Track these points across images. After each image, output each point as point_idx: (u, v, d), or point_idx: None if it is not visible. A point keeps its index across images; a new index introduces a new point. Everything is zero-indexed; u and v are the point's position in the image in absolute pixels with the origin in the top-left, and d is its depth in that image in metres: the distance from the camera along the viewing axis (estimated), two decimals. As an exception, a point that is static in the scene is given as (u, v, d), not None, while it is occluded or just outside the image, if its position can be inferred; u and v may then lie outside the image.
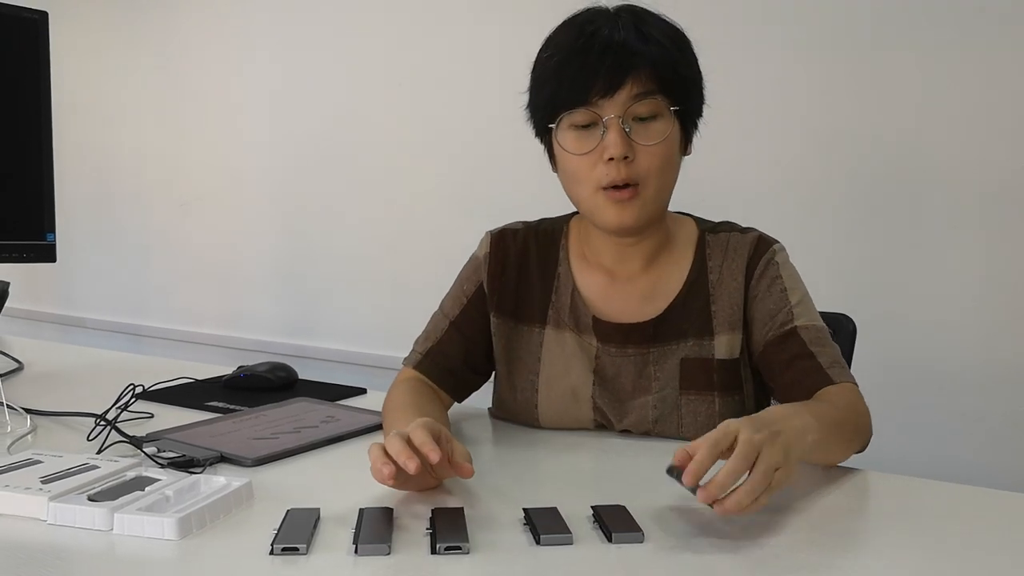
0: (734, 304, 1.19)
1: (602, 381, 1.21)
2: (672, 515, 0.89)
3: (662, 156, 1.11)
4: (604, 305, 1.22)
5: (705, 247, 1.22)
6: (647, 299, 1.21)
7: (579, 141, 1.12)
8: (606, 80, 1.08)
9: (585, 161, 1.11)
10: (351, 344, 2.67)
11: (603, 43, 1.09)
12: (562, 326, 1.23)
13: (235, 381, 1.51)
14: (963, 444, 1.84)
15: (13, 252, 1.44)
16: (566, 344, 1.22)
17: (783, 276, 1.19)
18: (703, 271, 1.21)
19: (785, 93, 1.96)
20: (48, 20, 1.47)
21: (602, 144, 1.10)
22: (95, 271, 3.28)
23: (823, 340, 1.15)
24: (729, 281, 1.19)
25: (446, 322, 1.27)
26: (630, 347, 1.20)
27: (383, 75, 2.57)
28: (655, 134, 1.10)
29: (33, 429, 1.18)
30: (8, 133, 1.44)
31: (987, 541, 0.86)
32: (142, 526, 0.80)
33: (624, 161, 1.09)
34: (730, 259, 1.20)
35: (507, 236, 1.28)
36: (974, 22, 1.79)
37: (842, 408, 1.06)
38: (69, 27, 3.05)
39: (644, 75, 1.09)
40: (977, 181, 1.81)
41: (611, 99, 1.09)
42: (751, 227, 1.24)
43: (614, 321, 1.21)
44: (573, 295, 1.23)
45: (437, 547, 0.79)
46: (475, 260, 1.28)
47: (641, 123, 1.10)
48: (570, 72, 1.10)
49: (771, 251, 1.20)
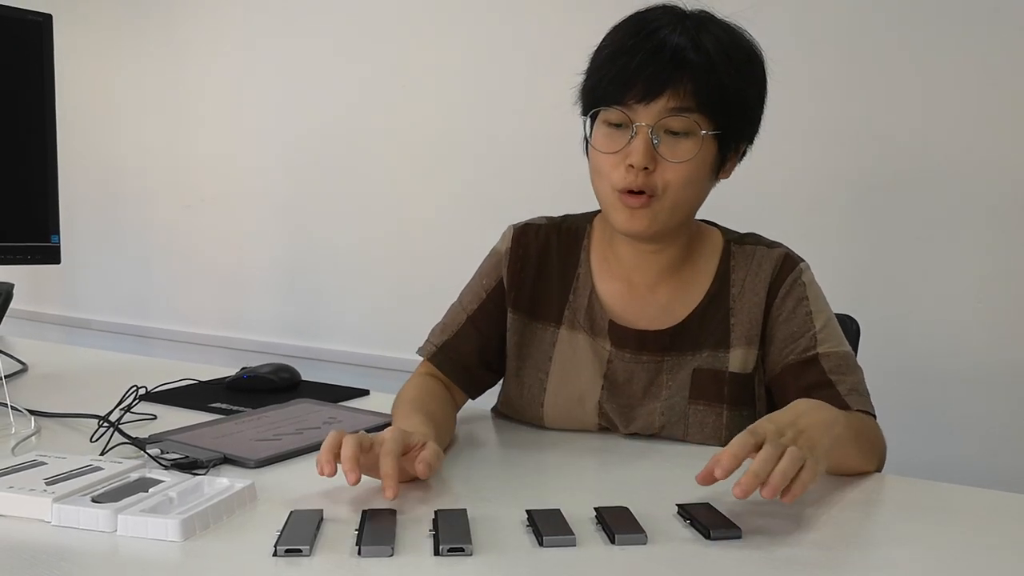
0: (753, 319, 1.18)
1: (611, 386, 1.20)
2: (675, 517, 0.89)
3: (684, 174, 1.09)
4: (622, 310, 1.21)
5: (730, 258, 1.21)
6: (667, 307, 1.20)
7: (608, 139, 1.11)
8: (645, 86, 1.06)
9: (609, 160, 1.10)
10: (354, 345, 2.67)
11: (654, 48, 1.06)
12: (576, 327, 1.22)
13: (238, 382, 1.51)
14: (968, 445, 1.84)
15: (18, 254, 1.45)
16: (578, 346, 1.22)
17: (809, 298, 1.17)
18: (725, 283, 1.20)
19: (788, 93, 1.95)
20: (52, 23, 1.47)
21: (627, 148, 1.08)
22: (99, 272, 3.28)
23: (845, 367, 1.13)
24: (751, 295, 1.18)
25: (463, 316, 1.26)
26: (645, 354, 1.19)
27: (387, 77, 2.57)
28: (682, 152, 1.08)
29: (37, 430, 1.19)
30: (13, 135, 1.44)
31: (998, 545, 0.86)
32: (146, 527, 0.80)
33: (644, 171, 1.08)
34: (753, 273, 1.19)
35: (529, 232, 1.27)
36: (979, 22, 1.79)
37: (863, 422, 1.07)
38: (73, 29, 3.05)
39: (685, 90, 1.06)
40: (982, 182, 1.81)
41: (646, 106, 1.07)
42: (778, 242, 1.22)
43: (632, 327, 1.20)
44: (591, 297, 1.22)
45: (440, 549, 0.79)
46: (496, 254, 1.28)
47: (672, 137, 1.08)
48: (614, 69, 1.08)
49: (798, 270, 1.18)
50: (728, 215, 1.28)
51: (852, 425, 1.01)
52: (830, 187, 1.96)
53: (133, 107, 3.15)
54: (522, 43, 2.31)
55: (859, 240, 1.94)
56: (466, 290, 1.29)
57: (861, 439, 1.04)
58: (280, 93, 2.79)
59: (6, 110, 1.42)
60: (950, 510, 0.97)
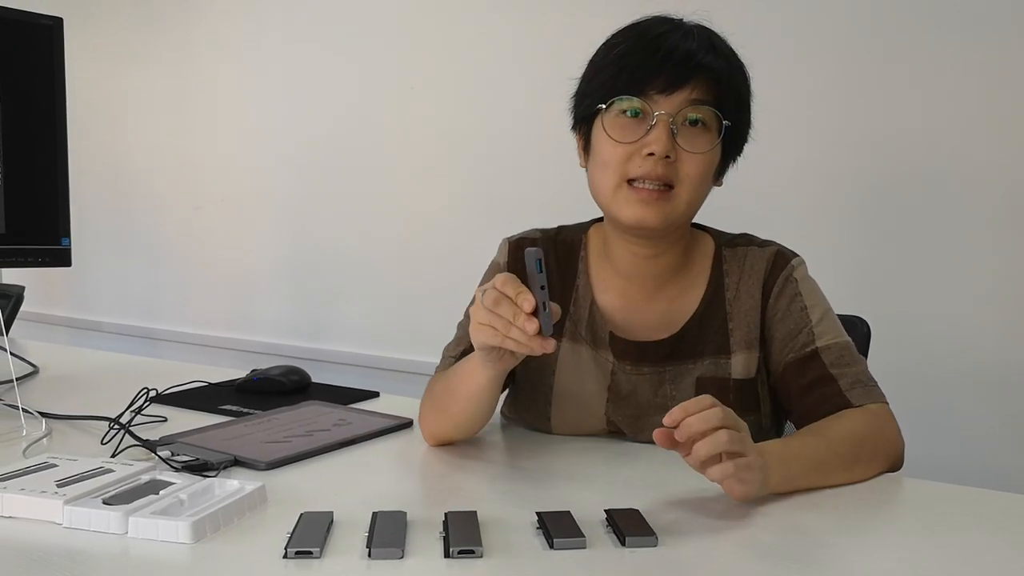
0: (751, 322, 1.17)
1: (616, 398, 1.20)
2: (686, 519, 0.88)
3: (702, 166, 1.09)
4: (622, 321, 1.20)
5: (722, 262, 1.20)
6: (664, 317, 1.19)
7: (623, 130, 1.10)
8: (668, 78, 1.07)
9: (622, 151, 1.09)
10: (364, 347, 2.67)
11: (671, 46, 1.08)
12: (579, 340, 1.22)
13: (248, 384, 1.51)
14: (977, 446, 1.83)
15: (29, 256, 1.45)
16: (581, 358, 1.21)
17: (803, 293, 1.16)
18: (720, 288, 1.19)
19: (795, 94, 1.96)
20: (63, 26, 1.48)
21: (645, 139, 1.08)
22: (109, 275, 3.29)
23: (846, 359, 1.13)
24: (746, 298, 1.18)
25: None
26: (646, 365, 1.19)
27: (395, 79, 2.58)
28: (701, 143, 1.09)
29: (48, 433, 1.19)
30: (24, 139, 1.45)
31: (1009, 546, 0.85)
32: (156, 529, 0.81)
33: (665, 160, 1.07)
34: (747, 275, 1.18)
35: (524, 246, 1.25)
36: (981, 21, 1.78)
37: (835, 442, 1.04)
38: (84, 33, 3.07)
39: (704, 85, 1.08)
40: (990, 181, 1.80)
41: (668, 97, 1.07)
42: (770, 240, 1.22)
43: (630, 339, 1.19)
44: (592, 309, 1.21)
45: (450, 551, 0.79)
46: (496, 266, 1.27)
47: (690, 128, 1.09)
48: (634, 61, 1.09)
49: (789, 267, 1.18)
50: (737, 217, 1.28)
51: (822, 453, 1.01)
52: (837, 187, 1.95)
53: (142, 110, 3.16)
54: (528, 44, 2.31)
55: (868, 241, 1.93)
56: (471, 306, 1.27)
57: (842, 456, 1.02)
58: (288, 96, 2.80)
59: (18, 113, 1.43)
60: (964, 512, 0.96)
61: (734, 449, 0.89)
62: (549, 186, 2.19)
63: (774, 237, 1.24)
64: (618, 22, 1.15)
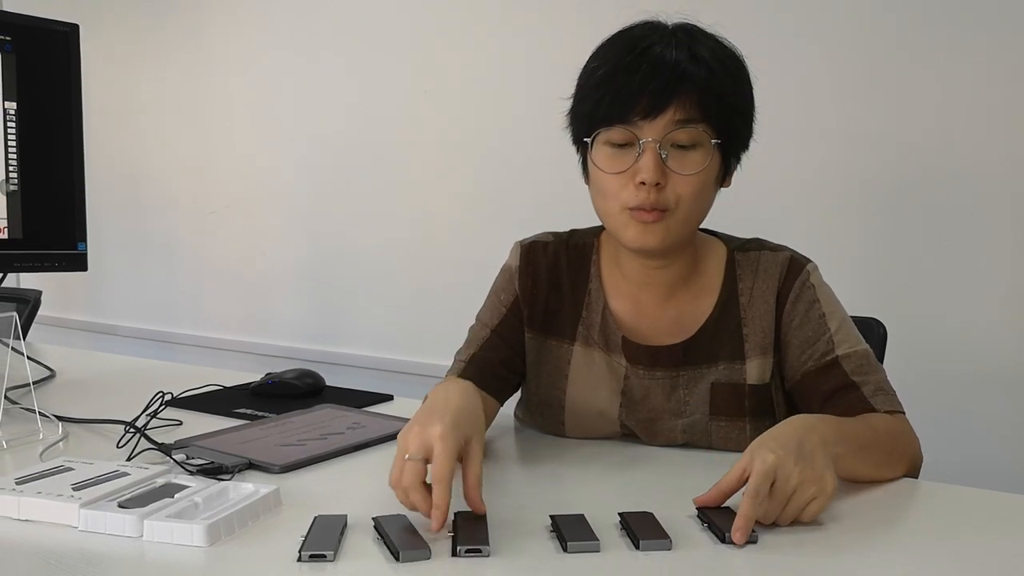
0: (765, 327, 1.16)
1: (630, 403, 1.19)
2: (700, 523, 0.88)
3: (695, 186, 1.07)
4: (634, 325, 1.20)
5: (735, 268, 1.19)
6: (677, 322, 1.18)
7: (612, 160, 1.08)
8: (650, 102, 1.04)
9: (616, 180, 1.08)
10: (378, 350, 2.68)
11: (653, 62, 1.05)
12: (591, 344, 1.21)
13: (263, 388, 1.52)
14: (997, 449, 1.81)
15: (45, 261, 1.47)
16: (594, 363, 1.21)
17: (820, 300, 1.15)
18: (733, 293, 1.18)
19: (809, 95, 1.95)
20: (79, 32, 1.49)
21: (635, 166, 1.06)
22: (125, 279, 3.31)
23: (867, 367, 1.12)
24: (760, 303, 1.16)
25: (487, 331, 1.24)
26: (658, 370, 1.18)
27: (409, 81, 2.58)
28: (691, 164, 1.07)
29: (64, 436, 1.20)
30: (41, 145, 1.46)
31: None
32: (171, 533, 0.81)
33: (656, 187, 1.06)
34: (761, 280, 1.17)
35: (537, 249, 1.24)
36: (995, 21, 1.76)
37: (877, 431, 1.04)
38: (99, 39, 3.09)
39: (689, 101, 1.05)
40: (1006, 181, 1.79)
41: (652, 122, 1.05)
42: (782, 245, 1.20)
43: (643, 343, 1.19)
44: (604, 313, 1.21)
45: (457, 549, 0.79)
46: (508, 270, 1.26)
47: (679, 150, 1.06)
48: (614, 88, 1.06)
49: (804, 272, 1.16)
50: (750, 219, 1.27)
51: (855, 440, 0.99)
52: (853, 189, 1.94)
53: (158, 115, 3.18)
54: (541, 48, 2.31)
55: (884, 243, 1.92)
56: (483, 310, 1.27)
57: (871, 450, 1.01)
58: (303, 100, 2.81)
59: (34, 119, 1.44)
60: (981, 515, 0.95)
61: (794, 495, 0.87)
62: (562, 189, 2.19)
63: (790, 238, 1.24)
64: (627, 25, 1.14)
